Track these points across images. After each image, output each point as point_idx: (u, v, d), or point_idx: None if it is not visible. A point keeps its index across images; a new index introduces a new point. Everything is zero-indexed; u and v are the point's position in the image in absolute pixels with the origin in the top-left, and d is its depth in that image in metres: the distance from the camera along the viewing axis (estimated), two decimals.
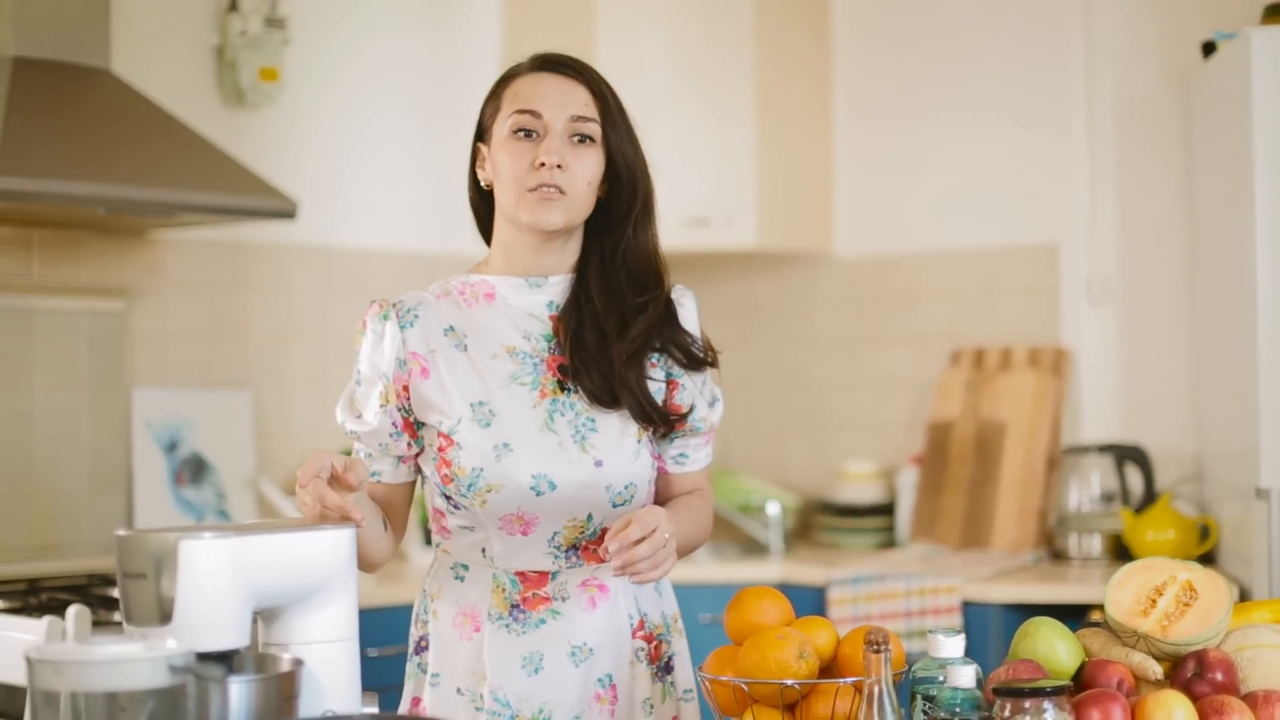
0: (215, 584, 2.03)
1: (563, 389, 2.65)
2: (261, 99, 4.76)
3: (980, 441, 5.07)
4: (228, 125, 4.76)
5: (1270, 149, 4.09)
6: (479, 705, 2.65)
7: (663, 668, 2.73)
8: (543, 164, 2.60)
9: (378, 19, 5.17)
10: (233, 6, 4.70)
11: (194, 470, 4.65)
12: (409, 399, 2.64)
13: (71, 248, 4.47)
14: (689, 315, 2.76)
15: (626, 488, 2.64)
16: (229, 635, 2.05)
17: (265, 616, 2.18)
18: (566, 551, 2.65)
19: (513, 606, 2.64)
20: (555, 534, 2.63)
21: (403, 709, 2.75)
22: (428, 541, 4.71)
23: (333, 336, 4.99)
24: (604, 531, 2.59)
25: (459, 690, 2.67)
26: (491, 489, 2.58)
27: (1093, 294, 5.07)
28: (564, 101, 2.64)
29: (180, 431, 4.64)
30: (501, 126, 2.67)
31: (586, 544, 2.65)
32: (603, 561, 2.63)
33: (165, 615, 2.02)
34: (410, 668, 2.76)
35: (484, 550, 2.65)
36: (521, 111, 2.64)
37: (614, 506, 2.63)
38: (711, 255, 5.31)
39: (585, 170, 2.63)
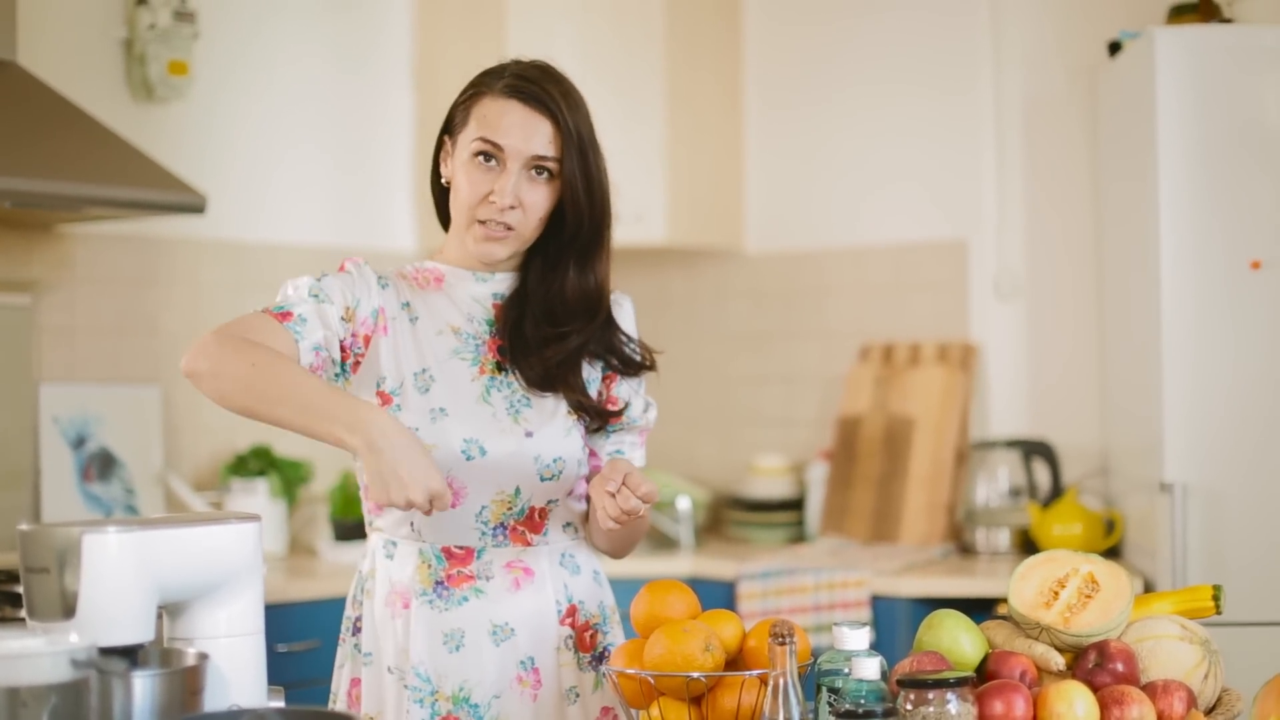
0: (119, 578, 2.02)
1: (501, 369, 2.74)
2: (170, 93, 4.73)
3: (889, 436, 5.10)
4: (136, 119, 4.73)
5: (1174, 147, 4.13)
6: (406, 683, 2.69)
7: (596, 657, 2.78)
8: (494, 201, 2.66)
9: (288, 13, 5.15)
10: None
11: (102, 466, 4.62)
12: (365, 347, 2.68)
13: None
14: (625, 319, 2.85)
15: (555, 461, 2.71)
16: (133, 629, 2.04)
17: (170, 611, 2.17)
18: (494, 529, 2.70)
19: (437, 583, 2.70)
20: (483, 508, 2.69)
21: (340, 692, 2.78)
22: (338, 538, 4.71)
23: None
24: (531, 510, 2.71)
25: (389, 669, 2.71)
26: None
27: (1000, 290, 5.11)
28: (527, 137, 2.67)
29: (88, 427, 4.61)
30: (465, 143, 2.71)
31: (514, 524, 2.72)
32: (529, 545, 2.73)
33: (68, 610, 2.01)
34: (346, 649, 2.79)
35: (412, 524, 2.70)
36: (484, 139, 2.67)
37: (542, 480, 2.71)
38: (622, 251, 5.25)
39: (538, 206, 2.69)
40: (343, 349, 2.65)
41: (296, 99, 5.17)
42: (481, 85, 2.72)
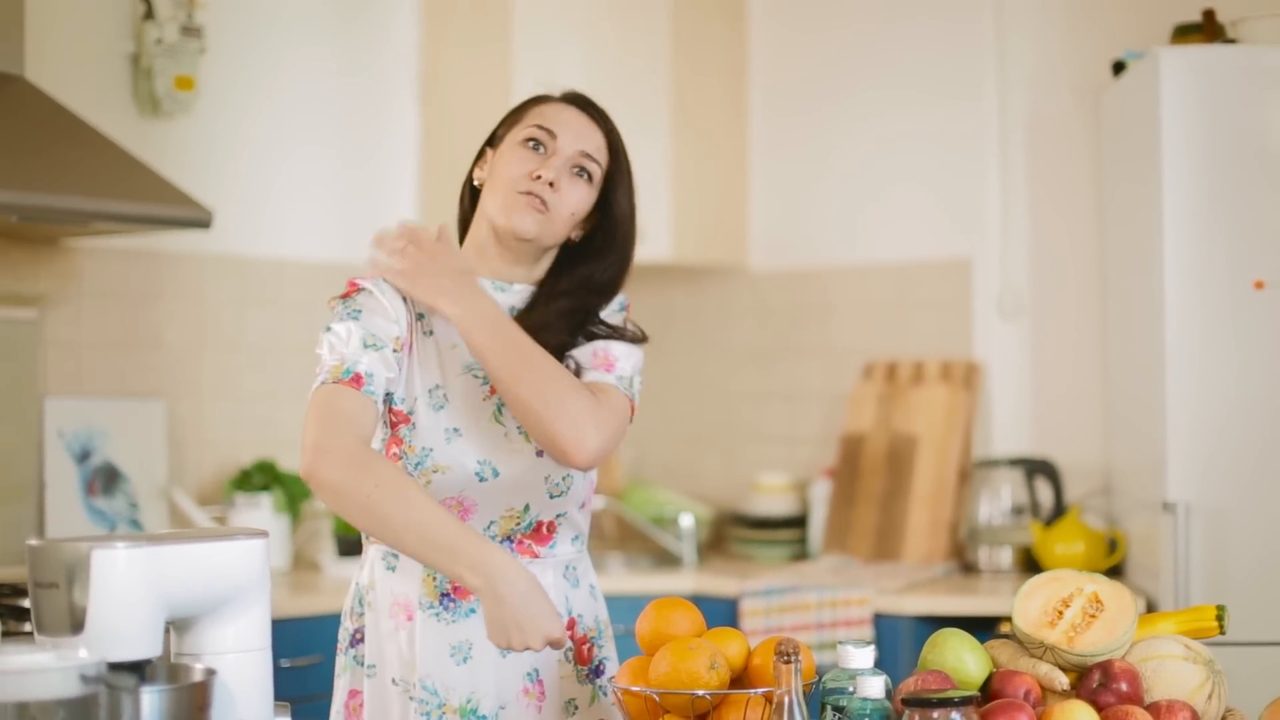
0: (128, 593, 2.02)
1: None
2: (177, 108, 4.73)
3: (892, 454, 5.10)
4: (143, 134, 4.73)
5: (1178, 167, 4.14)
6: (412, 695, 2.70)
7: (593, 671, 2.80)
8: (539, 176, 2.70)
9: (295, 29, 5.16)
10: (149, 14, 4.67)
11: (106, 480, 4.62)
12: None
13: None
14: (610, 312, 2.83)
15: (564, 479, 2.75)
16: (141, 645, 2.04)
17: (178, 626, 2.17)
18: (500, 542, 2.72)
19: (443, 595, 2.70)
20: (491, 523, 2.71)
21: (339, 704, 2.77)
22: (341, 553, 4.71)
23: (247, 346, 4.97)
24: (539, 524, 2.74)
25: (394, 681, 2.72)
26: (438, 469, 2.67)
27: (1004, 309, 5.11)
28: (580, 134, 2.75)
29: (93, 441, 4.61)
30: (515, 135, 2.76)
31: (521, 536, 2.74)
32: (536, 556, 2.74)
33: (77, 625, 2.01)
34: (344, 661, 2.80)
35: None
36: (539, 127, 2.74)
37: (551, 498, 2.74)
38: None
39: (573, 200, 2.74)
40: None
41: (302, 114, 5.17)
42: (536, 98, 2.81)
